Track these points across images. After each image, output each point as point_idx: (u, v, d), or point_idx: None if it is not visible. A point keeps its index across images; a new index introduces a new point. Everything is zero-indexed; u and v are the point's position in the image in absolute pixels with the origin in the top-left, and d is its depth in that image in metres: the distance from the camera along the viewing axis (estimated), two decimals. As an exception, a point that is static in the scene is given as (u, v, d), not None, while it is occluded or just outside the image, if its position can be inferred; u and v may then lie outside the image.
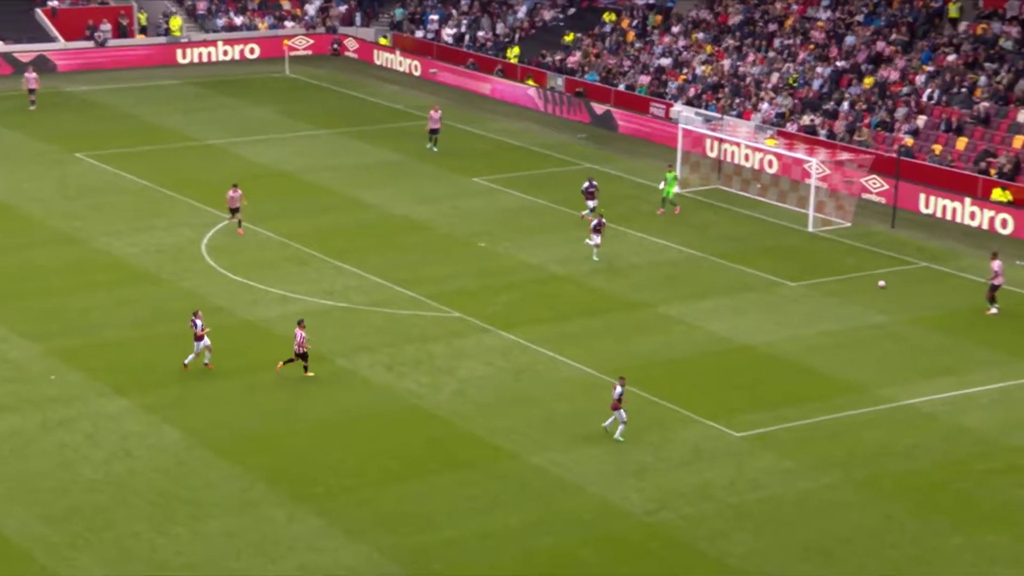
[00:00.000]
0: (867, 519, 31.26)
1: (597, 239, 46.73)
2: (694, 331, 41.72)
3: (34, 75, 64.70)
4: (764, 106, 62.66)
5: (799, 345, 40.78)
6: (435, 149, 59.36)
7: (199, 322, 37.66)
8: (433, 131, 59.71)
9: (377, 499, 31.77)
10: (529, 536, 30.40)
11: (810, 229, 51.65)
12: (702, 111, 61.51)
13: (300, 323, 37.61)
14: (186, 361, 37.65)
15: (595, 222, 46.95)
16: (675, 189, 52.60)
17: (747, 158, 58.58)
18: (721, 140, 58.21)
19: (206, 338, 37.67)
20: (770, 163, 57.75)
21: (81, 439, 34.00)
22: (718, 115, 60.79)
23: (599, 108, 66.11)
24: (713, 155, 58.76)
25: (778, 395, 37.48)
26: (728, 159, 58.81)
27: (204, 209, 51.45)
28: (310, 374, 37.63)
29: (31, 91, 64.07)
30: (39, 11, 75.67)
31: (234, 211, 48.15)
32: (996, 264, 42.26)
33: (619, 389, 34.37)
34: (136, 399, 36.18)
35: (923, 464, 33.84)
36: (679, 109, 63.00)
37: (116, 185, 54.36)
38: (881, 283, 41.52)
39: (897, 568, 29.34)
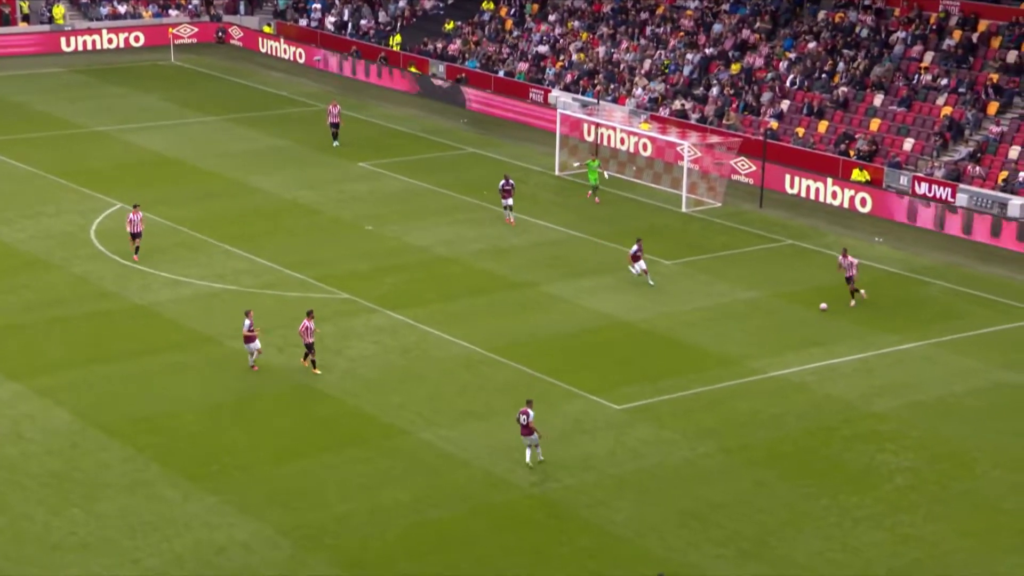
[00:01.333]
0: (740, 485, 31.77)
1: (642, 264, 42.88)
2: (575, 309, 41.98)
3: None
4: (638, 91, 63.13)
5: (675, 321, 41.24)
6: (336, 144, 57.71)
7: (248, 322, 35.90)
8: (334, 125, 58.39)
9: (270, 477, 31.54)
10: (419, 510, 30.40)
11: (683, 210, 52.22)
12: (579, 96, 61.80)
13: (309, 314, 36.70)
14: (251, 364, 36.12)
15: (634, 249, 43.00)
16: (599, 176, 52.31)
17: (622, 141, 59.01)
18: (597, 124, 58.54)
19: (257, 341, 36.03)
20: (644, 146, 58.24)
21: (-27, 424, 33.28)
22: (594, 100, 61.10)
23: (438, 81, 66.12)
24: (590, 139, 59.09)
25: (656, 369, 37.88)
26: (604, 143, 59.18)
27: (93, 195, 50.52)
28: (317, 372, 36.36)
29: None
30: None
31: (135, 236, 43.79)
32: (847, 260, 42.25)
33: (530, 414, 32.01)
34: (27, 383, 35.49)
35: (792, 431, 34.47)
36: (557, 95, 63.22)
37: (3, 172, 53.12)
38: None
39: (768, 531, 29.86)
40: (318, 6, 78.28)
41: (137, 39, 76.27)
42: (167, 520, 29.51)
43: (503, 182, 49.26)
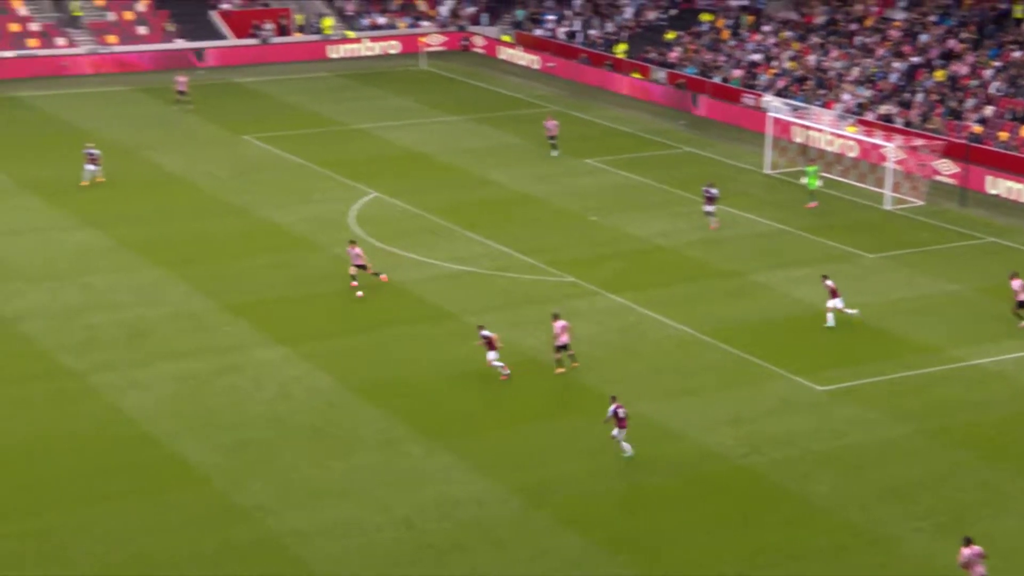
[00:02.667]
0: (939, 465, 30.64)
1: (838, 302, 38.49)
2: (781, 297, 41.10)
3: (184, 79, 64.04)
4: (846, 97, 61.37)
5: (877, 310, 39.97)
6: (555, 153, 56.24)
7: (486, 333, 34.70)
8: (551, 138, 56.92)
9: (502, 439, 31.83)
10: (635, 475, 30.24)
11: (886, 207, 50.55)
12: (789, 101, 60.43)
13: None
14: (504, 372, 34.71)
15: (828, 283, 38.84)
16: (818, 183, 50.80)
17: (830, 143, 57.43)
18: (806, 127, 57.13)
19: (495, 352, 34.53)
20: (850, 148, 56.56)
21: (249, 382, 34.49)
22: (804, 105, 59.65)
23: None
24: (799, 141, 57.68)
25: (859, 354, 36.80)
26: (812, 144, 57.69)
27: (353, 185, 51.79)
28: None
29: (180, 93, 63.17)
30: (213, 13, 76.67)
31: (361, 267, 40.37)
32: (1017, 283, 39.58)
33: (621, 410, 30.46)
34: (294, 348, 36.58)
35: (991, 416, 33.04)
36: (768, 99, 61.94)
37: (277, 163, 54.92)
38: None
39: (966, 507, 28.71)
40: (552, 17, 78.51)
41: (393, 47, 77.87)
42: (411, 474, 30.08)
43: (706, 188, 47.87)
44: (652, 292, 41.21)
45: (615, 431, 30.88)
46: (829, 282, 38.94)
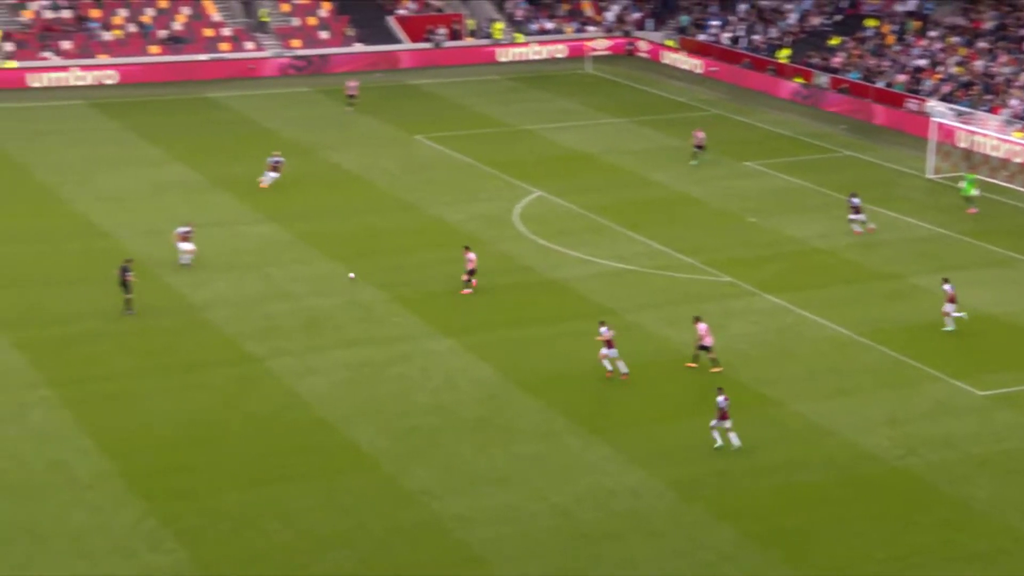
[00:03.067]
0: (1101, 476, 29.32)
1: (952, 308, 37.52)
2: (941, 300, 39.82)
3: (355, 83, 64.43)
4: (1013, 102, 59.12)
5: (1040, 317, 38.47)
6: (695, 163, 54.62)
7: (604, 329, 34.48)
8: (698, 147, 55.39)
9: (657, 434, 31.66)
10: (789, 472, 29.76)
11: (1053, 213, 48.60)
12: (954, 106, 58.54)
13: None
14: (622, 370, 34.10)
15: (947, 288, 37.80)
16: (974, 191, 49.00)
17: (995, 148, 55.40)
18: (971, 132, 55.23)
19: (615, 348, 34.14)
20: (1016, 153, 54.47)
21: (417, 372, 35.03)
22: (969, 110, 57.72)
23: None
24: (963, 145, 55.82)
25: (1020, 359, 35.44)
26: (977, 149, 55.76)
27: (518, 184, 52.12)
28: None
29: (351, 97, 63.45)
30: (390, 18, 78.11)
31: (472, 272, 40.21)
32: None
33: (724, 401, 30.21)
34: (460, 340, 36.99)
35: None
36: (933, 104, 60.12)
37: (447, 163, 55.62)
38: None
39: None
40: (716, 23, 77.65)
41: (560, 51, 78.08)
42: (569, 465, 30.15)
43: (849, 198, 46.33)
44: (810, 293, 40.44)
45: (714, 421, 30.53)
46: (948, 287, 37.61)
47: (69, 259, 42.69)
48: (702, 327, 34.80)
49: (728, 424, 30.66)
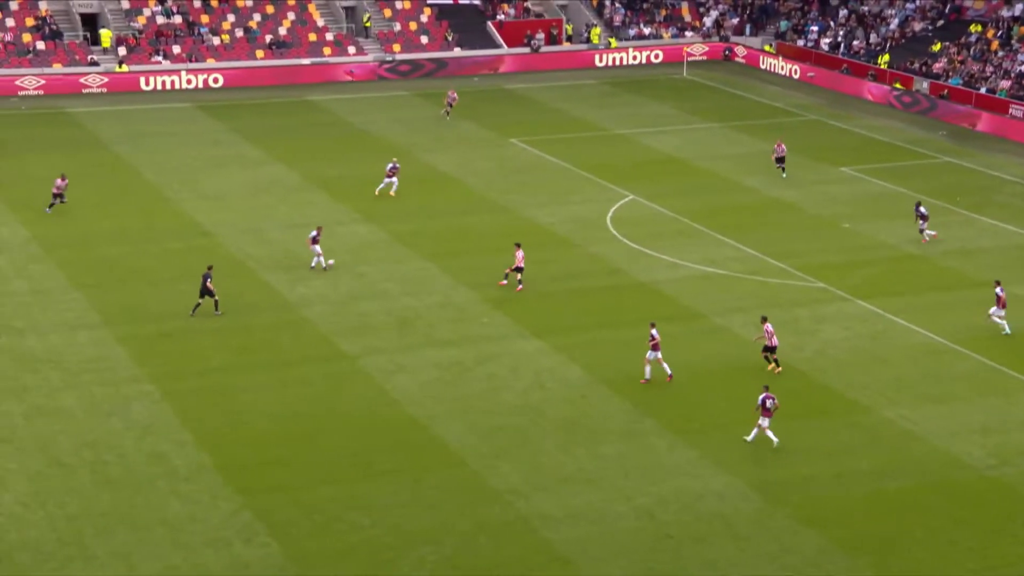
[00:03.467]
0: None
1: (1001, 313, 37.18)
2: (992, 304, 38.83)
3: (455, 94, 63.66)
4: (1119, 108, 57.43)
5: None
6: (784, 175, 52.65)
7: (655, 332, 34.31)
8: (779, 160, 53.30)
9: (743, 437, 31.34)
10: (878, 479, 29.29)
11: None
12: (1058, 112, 57.06)
13: (517, 245, 39.62)
14: (667, 371, 34.10)
15: (999, 292, 37.31)
16: None
17: (1100, 155, 53.87)
18: (1075, 138, 53.79)
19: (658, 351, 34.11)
20: (1123, 160, 52.88)
21: (505, 371, 35.17)
22: (1074, 115, 56.19)
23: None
24: (1067, 152, 54.40)
25: (1120, 372, 34.45)
26: (1081, 156, 54.29)
27: (611, 188, 52.03)
28: (778, 370, 34.81)
29: (450, 104, 63.11)
30: (490, 24, 78.55)
31: (518, 270, 40.48)
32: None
33: (769, 400, 30.26)
34: (549, 341, 37.04)
35: None
36: (1036, 110, 58.63)
37: (541, 166, 55.73)
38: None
39: None
40: (815, 28, 76.68)
41: (657, 56, 77.79)
42: (655, 466, 30.03)
43: (917, 207, 45.36)
44: (903, 299, 39.76)
45: (761, 420, 30.43)
46: (999, 290, 36.79)
47: (172, 257, 43.70)
48: (769, 328, 34.49)
49: (766, 423, 30.56)
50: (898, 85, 67.31)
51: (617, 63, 77.20)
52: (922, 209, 45.34)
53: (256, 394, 33.65)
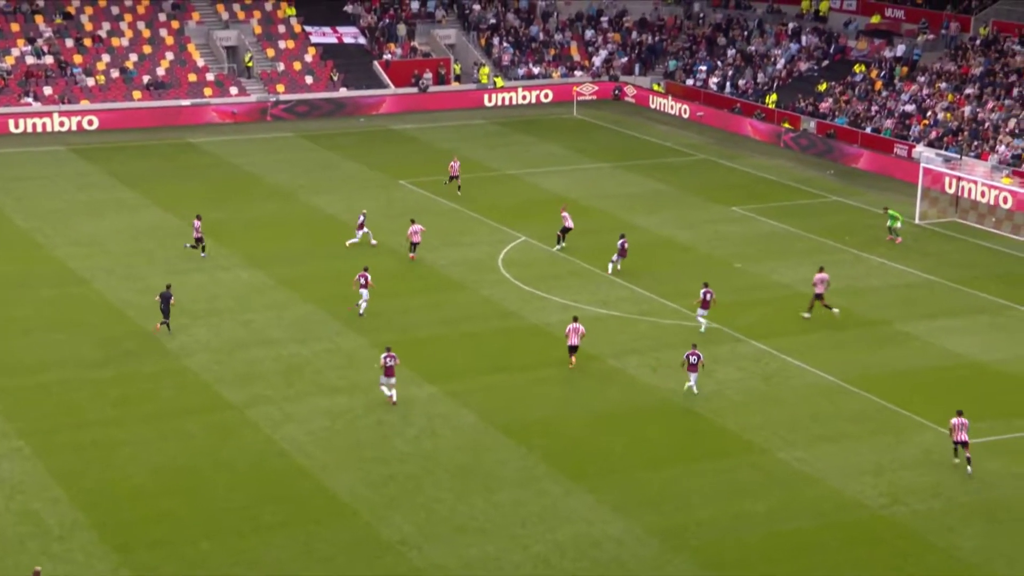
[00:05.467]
0: (1090, 524, 29.37)
1: (704, 313, 41.11)
2: (928, 347, 40.09)
3: (457, 163, 57.85)
4: (1001, 148, 59.70)
5: (1028, 363, 38.67)
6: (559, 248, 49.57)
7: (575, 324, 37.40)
8: (454, 177, 53.05)
9: (641, 481, 31.67)
10: (774, 521, 29.77)
11: (1042, 259, 48.99)
12: (942, 152, 59.10)
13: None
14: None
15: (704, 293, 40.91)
16: (898, 224, 50.25)
17: (983, 194, 55.80)
18: (959, 178, 55.69)
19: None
20: (1005, 199, 54.84)
21: (396, 418, 35.02)
22: (957, 156, 58.25)
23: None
24: (951, 191, 56.29)
25: (1010, 407, 35.64)
26: (965, 195, 56.20)
27: (502, 229, 52.33)
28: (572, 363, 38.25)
29: (453, 177, 57.23)
30: (376, 63, 78.65)
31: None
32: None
33: (693, 356, 35.68)
34: (441, 386, 37.03)
35: None
36: (921, 150, 60.66)
37: (430, 207, 55.82)
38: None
39: (1118, 571, 27.48)
40: (704, 68, 78.39)
41: (546, 96, 78.67)
42: (551, 513, 30.12)
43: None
44: (796, 339, 40.61)
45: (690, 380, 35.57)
46: (705, 293, 40.73)
47: (45, 306, 42.69)
48: (572, 327, 37.92)
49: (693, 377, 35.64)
50: (786, 125, 69.08)
51: (507, 103, 77.91)
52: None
53: (135, 448, 32.96)
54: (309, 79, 76.18)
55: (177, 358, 38.66)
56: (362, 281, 42.10)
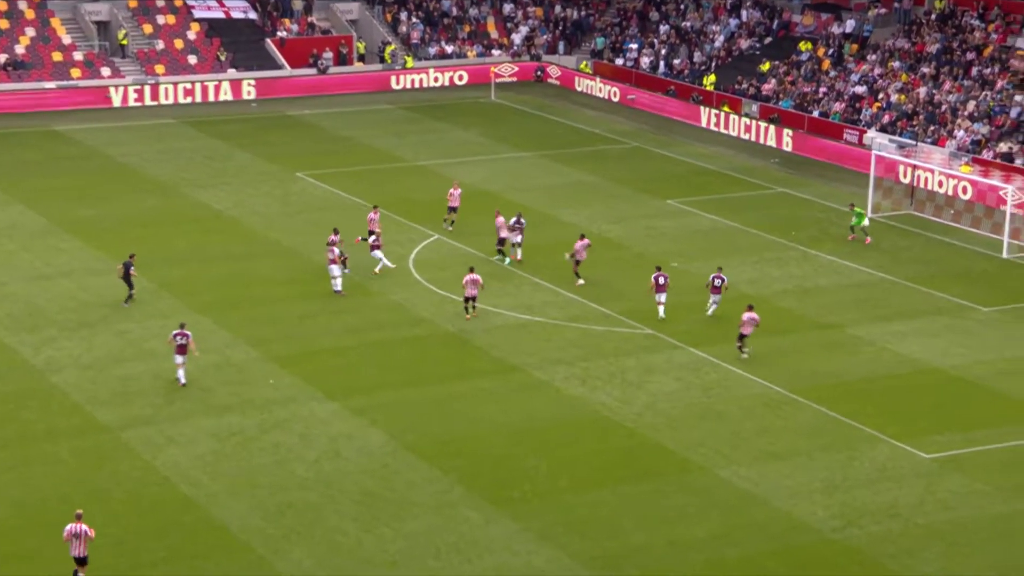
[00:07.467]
0: (1059, 545, 30.04)
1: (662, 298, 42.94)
2: (883, 352, 40.73)
3: (458, 191, 52.69)
4: (959, 133, 60.90)
5: (991, 369, 39.45)
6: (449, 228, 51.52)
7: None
8: (452, 209, 51.66)
9: (569, 505, 31.77)
10: (716, 546, 30.02)
11: (1004, 255, 50.00)
12: (896, 138, 60.12)
13: (471, 269, 42.39)
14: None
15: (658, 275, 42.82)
16: (864, 222, 51.08)
17: (940, 184, 56.90)
18: (915, 167, 56.71)
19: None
20: (964, 189, 56.00)
21: (295, 440, 34.81)
22: (912, 142, 59.30)
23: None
24: (906, 181, 57.30)
25: (969, 418, 36.30)
26: (921, 185, 57.24)
27: (412, 226, 52.25)
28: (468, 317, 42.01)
29: (452, 209, 52.40)
30: (269, 41, 78.08)
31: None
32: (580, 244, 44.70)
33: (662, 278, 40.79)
34: (345, 402, 36.87)
35: (1117, 491, 32.38)
36: (873, 136, 61.65)
37: (332, 202, 55.59)
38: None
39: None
40: (635, 46, 78.96)
41: (461, 77, 78.75)
42: (469, 542, 30.11)
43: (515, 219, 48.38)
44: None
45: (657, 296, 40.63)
46: (659, 275, 42.65)
47: None
48: (469, 278, 41.36)
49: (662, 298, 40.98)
50: (726, 108, 69.84)
51: (417, 85, 77.82)
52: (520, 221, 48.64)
53: (-4, 477, 32.41)
54: (193, 59, 75.46)
55: (43, 375, 38.09)
56: (333, 255, 44.39)
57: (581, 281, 45.59)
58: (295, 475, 32.96)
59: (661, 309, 42.54)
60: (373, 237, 46.97)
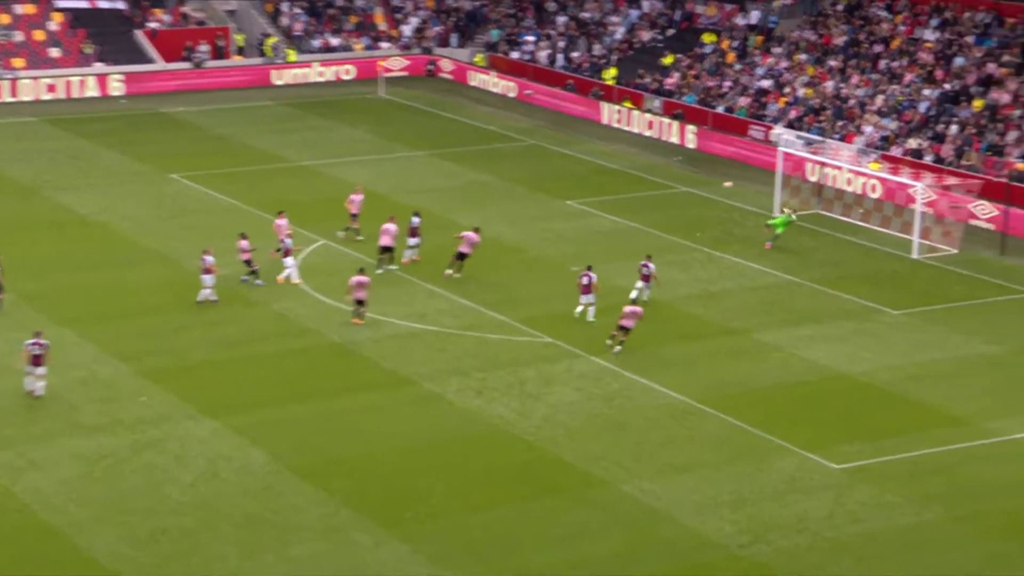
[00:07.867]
0: (972, 556, 30.68)
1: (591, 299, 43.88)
2: (790, 359, 41.30)
3: (359, 196, 51.61)
4: (868, 129, 62.00)
5: (900, 374, 40.19)
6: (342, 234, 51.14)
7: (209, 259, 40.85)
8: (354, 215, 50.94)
9: (465, 525, 31.76)
10: (620, 565, 30.20)
11: (914, 256, 50.99)
12: (803, 134, 61.05)
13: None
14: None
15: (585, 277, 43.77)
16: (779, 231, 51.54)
17: (849, 182, 57.93)
18: (822, 164, 57.64)
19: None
20: (873, 188, 57.07)
21: (170, 461, 34.40)
22: (819, 138, 60.27)
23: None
24: (814, 179, 58.21)
25: (878, 426, 36.94)
26: (829, 183, 58.19)
27: (295, 231, 51.82)
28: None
29: (353, 216, 51.37)
30: (138, 33, 77.11)
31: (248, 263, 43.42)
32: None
33: (592, 276, 41.79)
34: (224, 420, 36.53)
35: (1031, 500, 33.16)
36: (779, 132, 62.56)
37: (208, 205, 55.11)
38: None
39: (1002, 607, 28.76)
40: (531, 39, 79.28)
41: (347, 72, 78.48)
42: (359, 567, 29.97)
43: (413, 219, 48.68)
44: (642, 353, 41.33)
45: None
46: (585, 277, 43.48)
47: None
48: (355, 280, 41.85)
49: (592, 299, 41.92)
50: (627, 104, 70.39)
51: (300, 81, 77.43)
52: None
53: None
54: (55, 52, 74.28)
55: None
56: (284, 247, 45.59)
57: (450, 271, 46.34)
58: (170, 499, 32.55)
59: (591, 312, 43.16)
60: (289, 242, 46.67)
